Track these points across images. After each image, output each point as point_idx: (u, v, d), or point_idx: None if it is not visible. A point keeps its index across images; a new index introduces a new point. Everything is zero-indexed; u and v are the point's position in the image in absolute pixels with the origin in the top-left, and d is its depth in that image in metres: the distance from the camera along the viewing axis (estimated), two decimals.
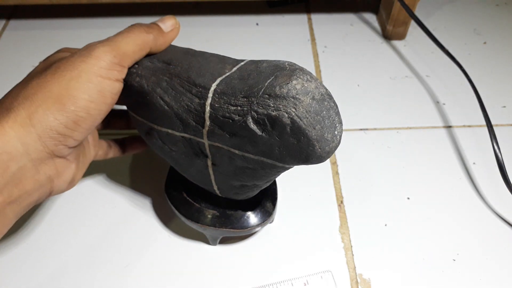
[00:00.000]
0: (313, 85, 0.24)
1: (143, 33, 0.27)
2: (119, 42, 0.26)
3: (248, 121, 0.25)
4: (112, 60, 0.25)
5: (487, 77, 0.51)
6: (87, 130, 0.26)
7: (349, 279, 0.35)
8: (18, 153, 0.23)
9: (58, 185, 0.26)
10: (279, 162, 0.26)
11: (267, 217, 0.34)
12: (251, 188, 0.31)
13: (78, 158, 0.28)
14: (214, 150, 0.28)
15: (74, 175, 0.27)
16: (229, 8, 0.59)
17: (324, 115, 0.24)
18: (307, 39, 0.55)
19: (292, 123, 0.24)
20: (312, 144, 0.24)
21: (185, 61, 0.28)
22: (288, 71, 0.24)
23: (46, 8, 0.58)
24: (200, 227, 0.34)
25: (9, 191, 0.23)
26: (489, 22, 0.58)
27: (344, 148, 0.44)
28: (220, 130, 0.26)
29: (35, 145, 0.23)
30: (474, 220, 0.39)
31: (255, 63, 0.27)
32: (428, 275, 0.35)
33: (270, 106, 0.24)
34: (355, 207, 0.40)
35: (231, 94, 0.25)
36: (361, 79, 0.51)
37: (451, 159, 0.43)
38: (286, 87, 0.24)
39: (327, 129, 0.24)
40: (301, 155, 0.25)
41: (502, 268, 0.36)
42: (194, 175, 0.32)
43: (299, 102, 0.23)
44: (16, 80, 0.27)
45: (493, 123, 0.44)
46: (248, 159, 0.27)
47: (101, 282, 0.35)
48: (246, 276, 0.35)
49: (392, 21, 0.53)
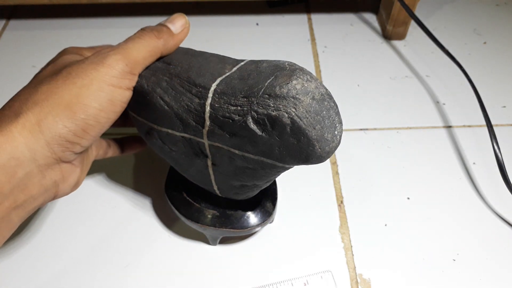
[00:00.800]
0: (313, 85, 0.24)
1: (154, 39, 0.27)
2: (130, 49, 0.26)
3: (248, 121, 0.25)
4: (124, 69, 0.25)
5: (487, 77, 0.51)
6: (94, 137, 0.26)
7: (349, 279, 0.35)
8: (25, 159, 0.23)
9: (62, 189, 0.26)
10: (279, 162, 0.26)
11: (267, 217, 0.34)
12: (251, 188, 0.31)
13: (83, 161, 0.28)
14: (214, 150, 0.28)
15: (78, 178, 0.27)
16: (229, 8, 0.59)
17: (324, 115, 0.24)
18: (307, 39, 0.55)
19: (292, 123, 0.24)
20: (312, 144, 0.24)
21: (185, 61, 0.28)
22: (288, 71, 0.24)
23: (46, 8, 0.58)
24: (200, 227, 0.34)
25: (15, 196, 0.23)
26: (489, 22, 0.58)
27: (344, 148, 0.44)
28: (220, 130, 0.26)
29: (43, 151, 0.23)
30: (474, 220, 0.39)
31: (255, 63, 0.27)
32: (428, 275, 0.35)
33: (270, 106, 0.24)
34: (355, 207, 0.40)
35: (231, 94, 0.25)
36: (361, 79, 0.51)
37: (451, 159, 0.43)
38: (286, 87, 0.24)
39: (327, 129, 0.24)
40: (301, 155, 0.25)
41: (502, 268, 0.36)
42: (194, 175, 0.32)
43: (299, 102, 0.23)
44: (16, 80, 0.27)
45: (493, 123, 0.44)
46: (248, 159, 0.27)
47: (101, 282, 0.35)
48: (246, 276, 0.35)
49: (392, 21, 0.53)
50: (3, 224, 0.23)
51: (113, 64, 0.25)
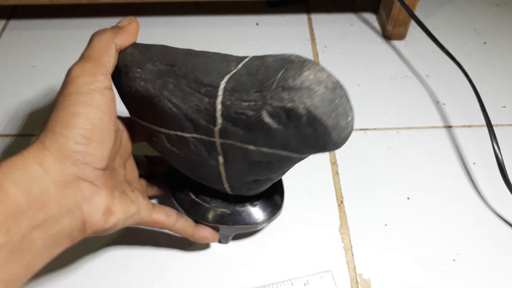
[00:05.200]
0: (325, 74, 0.25)
1: (101, 34, 0.28)
2: (86, 53, 0.27)
3: (263, 115, 0.25)
4: (90, 72, 0.26)
5: (487, 77, 0.51)
6: (101, 144, 0.26)
7: (349, 279, 0.35)
8: (38, 175, 0.23)
9: (89, 211, 0.25)
10: (295, 153, 0.26)
11: (277, 210, 0.34)
12: (265, 181, 0.31)
13: (110, 186, 0.27)
14: (226, 147, 0.28)
15: (108, 204, 0.26)
16: (229, 8, 0.59)
17: (337, 102, 0.25)
18: (307, 39, 0.55)
19: (308, 113, 0.24)
20: (329, 132, 0.25)
21: (188, 61, 0.28)
22: (298, 63, 0.25)
23: (46, 8, 0.58)
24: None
25: (34, 214, 0.23)
26: (489, 22, 0.58)
27: (344, 148, 0.44)
28: (233, 127, 0.26)
29: (55, 166, 0.24)
30: (474, 220, 0.39)
31: (260, 59, 0.27)
32: (428, 275, 0.35)
33: (285, 98, 0.24)
34: (355, 207, 0.40)
35: (243, 90, 0.25)
36: (361, 79, 0.51)
37: (451, 159, 0.43)
38: (299, 79, 0.24)
39: (341, 116, 0.25)
40: (318, 144, 0.25)
41: (502, 268, 0.36)
42: (204, 175, 0.32)
43: (313, 92, 0.24)
44: (16, 80, 0.27)
45: (493, 123, 0.44)
46: (263, 153, 0.27)
47: (101, 282, 0.35)
48: (246, 276, 0.35)
49: (392, 21, 0.53)
50: (26, 245, 0.22)
51: (78, 73, 0.26)
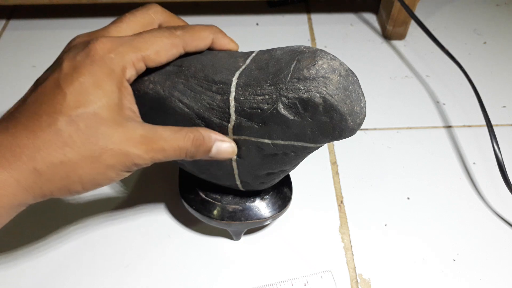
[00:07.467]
0: (338, 62, 0.25)
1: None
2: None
3: (279, 108, 0.25)
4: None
5: (487, 77, 0.51)
6: None
7: (349, 279, 0.35)
8: None
9: None
10: (310, 143, 0.27)
11: (288, 202, 0.35)
12: (278, 174, 0.31)
13: None
14: (240, 143, 0.28)
15: None
16: (229, 8, 0.59)
17: (351, 89, 0.25)
18: (307, 39, 0.55)
19: (324, 101, 0.24)
20: (345, 119, 0.25)
21: (196, 61, 0.28)
22: (309, 53, 0.25)
23: (46, 8, 0.58)
24: (225, 224, 0.34)
25: None
26: (489, 22, 0.58)
27: (344, 148, 0.44)
28: (248, 122, 0.26)
29: None
30: (474, 220, 0.39)
31: (267, 52, 0.27)
32: (428, 275, 0.35)
33: (301, 89, 0.24)
34: (355, 207, 0.40)
35: (256, 85, 0.26)
36: (361, 79, 0.50)
37: (451, 159, 0.43)
38: (314, 68, 0.24)
39: (355, 102, 0.25)
40: (334, 132, 0.26)
41: (502, 268, 0.36)
42: (215, 174, 0.31)
43: (328, 81, 0.24)
44: (16, 80, 0.27)
45: (493, 123, 0.44)
46: (278, 145, 0.27)
47: (102, 282, 0.35)
48: (246, 276, 0.35)
49: (392, 21, 0.53)
50: None
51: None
